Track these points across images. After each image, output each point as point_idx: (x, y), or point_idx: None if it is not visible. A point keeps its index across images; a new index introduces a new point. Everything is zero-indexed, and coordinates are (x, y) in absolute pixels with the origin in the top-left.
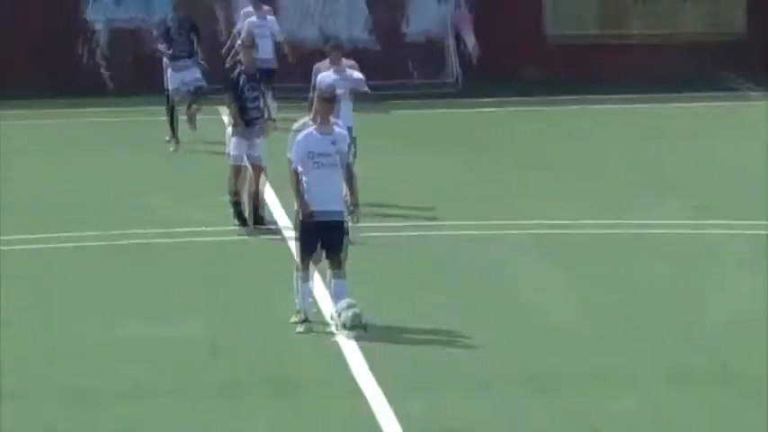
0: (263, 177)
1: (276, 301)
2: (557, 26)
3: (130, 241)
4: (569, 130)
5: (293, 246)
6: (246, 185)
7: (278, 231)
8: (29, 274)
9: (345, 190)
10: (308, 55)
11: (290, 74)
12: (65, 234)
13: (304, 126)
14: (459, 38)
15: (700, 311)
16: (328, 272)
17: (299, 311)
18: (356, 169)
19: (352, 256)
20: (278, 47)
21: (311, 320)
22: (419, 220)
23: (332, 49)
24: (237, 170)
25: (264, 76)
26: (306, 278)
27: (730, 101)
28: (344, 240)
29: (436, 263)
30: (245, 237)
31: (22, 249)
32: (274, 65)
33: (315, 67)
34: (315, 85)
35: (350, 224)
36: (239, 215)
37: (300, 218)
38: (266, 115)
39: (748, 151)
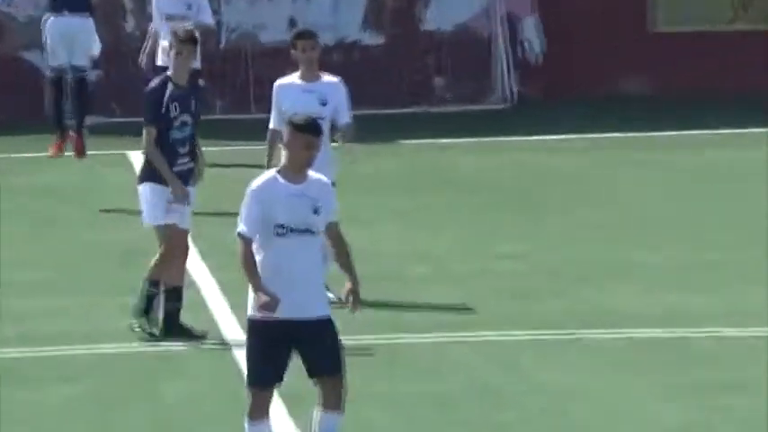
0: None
1: None
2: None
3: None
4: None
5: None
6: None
7: (225, 347)
8: None
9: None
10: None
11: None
12: None
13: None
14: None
15: None
16: (316, 410)
17: None
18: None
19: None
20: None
21: None
22: (440, 313)
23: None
24: (169, 243)
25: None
26: (262, 429)
27: None
28: (341, 351)
29: (463, 377)
30: (175, 352)
31: None
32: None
33: (276, 85)
34: (276, 114)
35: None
36: (156, 318)
37: (253, 314)
38: (196, 152)
39: None
